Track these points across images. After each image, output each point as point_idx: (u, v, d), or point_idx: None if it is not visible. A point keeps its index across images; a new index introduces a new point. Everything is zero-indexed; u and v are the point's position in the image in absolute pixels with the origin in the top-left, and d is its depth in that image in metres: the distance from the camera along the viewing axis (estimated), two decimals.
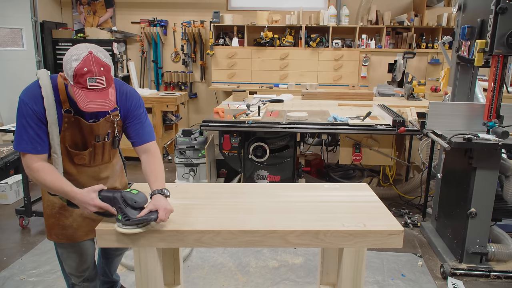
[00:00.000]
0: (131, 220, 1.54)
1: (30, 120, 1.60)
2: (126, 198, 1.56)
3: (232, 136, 3.62)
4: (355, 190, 2.01)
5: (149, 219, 1.55)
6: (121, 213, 1.55)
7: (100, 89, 1.50)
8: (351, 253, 1.60)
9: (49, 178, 1.61)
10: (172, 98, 5.39)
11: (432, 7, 6.09)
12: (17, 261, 3.04)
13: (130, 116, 1.80)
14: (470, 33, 2.85)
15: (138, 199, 1.57)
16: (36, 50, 6.06)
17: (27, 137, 1.61)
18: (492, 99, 2.71)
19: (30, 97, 1.61)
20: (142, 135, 1.82)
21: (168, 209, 1.58)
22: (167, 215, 1.57)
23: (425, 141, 4.07)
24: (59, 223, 1.85)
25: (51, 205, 1.85)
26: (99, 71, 1.49)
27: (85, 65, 1.47)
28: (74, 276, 1.97)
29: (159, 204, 1.57)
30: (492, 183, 2.77)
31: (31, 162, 1.62)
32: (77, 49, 1.51)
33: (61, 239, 1.87)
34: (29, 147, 1.61)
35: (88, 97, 1.49)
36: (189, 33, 6.41)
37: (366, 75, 6.00)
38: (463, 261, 2.90)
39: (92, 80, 1.48)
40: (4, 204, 4.11)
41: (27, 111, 1.60)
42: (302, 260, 3.08)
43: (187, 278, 2.82)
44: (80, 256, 1.94)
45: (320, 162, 4.77)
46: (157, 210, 1.56)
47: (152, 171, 1.75)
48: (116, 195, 1.57)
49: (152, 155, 1.81)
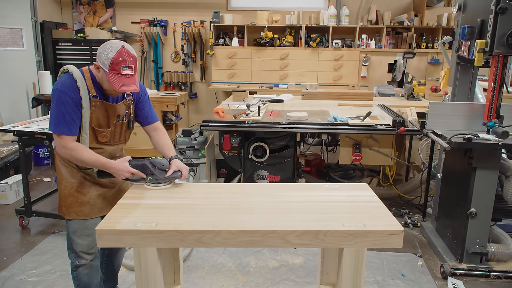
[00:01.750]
0: (161, 179, 1.93)
1: (69, 107, 1.90)
2: (155, 162, 1.95)
3: (232, 136, 3.62)
4: (355, 190, 2.01)
5: (176, 176, 1.96)
6: (152, 175, 1.93)
7: (130, 75, 1.89)
8: (351, 253, 1.60)
9: (85, 153, 1.94)
10: (172, 98, 5.39)
11: (432, 7, 6.09)
12: (17, 261, 3.04)
13: (141, 102, 2.18)
14: (470, 33, 2.85)
15: (165, 163, 1.97)
16: (36, 50, 6.06)
17: (65, 121, 1.91)
18: (492, 99, 2.71)
19: (68, 88, 1.91)
20: (151, 116, 2.23)
21: (187, 168, 2.03)
22: (187, 172, 2.03)
23: (425, 141, 4.07)
24: (78, 201, 2.08)
25: (69, 185, 2.08)
26: (130, 61, 1.88)
27: (120, 55, 1.85)
28: (85, 254, 2.13)
29: (180, 165, 2.00)
30: (492, 183, 2.77)
31: (68, 142, 1.92)
32: (112, 43, 1.88)
33: (80, 216, 2.09)
34: (65, 129, 1.92)
35: (122, 81, 1.87)
36: (189, 33, 6.41)
37: (366, 75, 6.00)
38: (463, 261, 2.90)
39: (125, 67, 1.86)
40: (4, 204, 4.11)
41: (66, 99, 1.90)
42: (302, 260, 3.08)
43: (187, 278, 2.82)
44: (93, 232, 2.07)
45: (320, 162, 4.77)
46: (179, 170, 1.98)
47: (164, 144, 2.18)
48: (145, 162, 1.95)
49: (160, 131, 2.24)
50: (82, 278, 2.15)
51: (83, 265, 2.13)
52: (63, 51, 6.32)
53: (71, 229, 2.11)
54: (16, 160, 4.55)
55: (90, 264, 2.15)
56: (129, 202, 1.83)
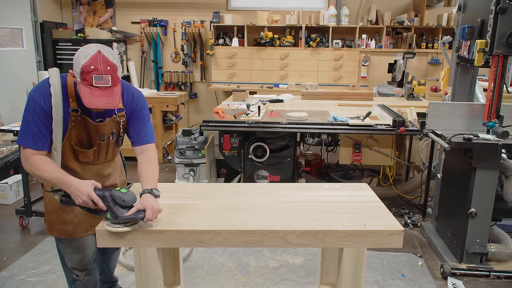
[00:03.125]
0: (119, 218, 1.56)
1: (36, 117, 1.65)
2: (115, 196, 1.58)
3: (232, 136, 3.62)
4: (355, 190, 2.01)
5: (136, 218, 1.56)
6: (110, 212, 1.57)
7: (105, 88, 1.54)
8: (351, 253, 1.60)
9: (46, 168, 1.65)
10: (172, 98, 5.39)
11: (432, 7, 6.09)
12: (17, 261, 3.04)
13: (134, 117, 1.85)
14: (470, 33, 2.85)
15: (127, 198, 1.58)
16: (36, 50, 6.06)
17: (30, 132, 1.65)
18: (492, 99, 2.71)
19: (39, 94, 1.66)
20: (143, 136, 1.87)
21: (156, 208, 1.59)
22: (154, 214, 1.58)
23: (425, 141, 4.07)
24: (60, 219, 1.89)
25: (53, 201, 1.87)
26: (105, 70, 1.54)
27: (92, 63, 1.52)
28: (77, 271, 2.01)
29: (147, 204, 1.58)
30: (492, 183, 2.77)
31: (30, 155, 1.66)
32: (87, 48, 1.57)
33: (62, 235, 1.91)
34: (30, 143, 1.66)
35: (93, 94, 1.53)
36: (189, 33, 6.41)
37: (366, 75, 6.00)
38: (463, 261, 2.90)
39: (97, 78, 1.52)
40: (4, 204, 4.11)
41: (35, 107, 1.65)
42: (302, 260, 3.08)
43: (187, 278, 2.82)
44: (83, 251, 1.98)
45: (320, 162, 4.77)
46: (144, 209, 1.56)
47: (146, 172, 1.78)
48: (105, 194, 1.59)
49: (148, 156, 1.85)
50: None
51: (80, 280, 2.03)
52: (63, 51, 6.32)
53: (59, 245, 1.98)
54: (16, 160, 4.54)
55: (85, 280, 2.03)
56: None
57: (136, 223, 1.59)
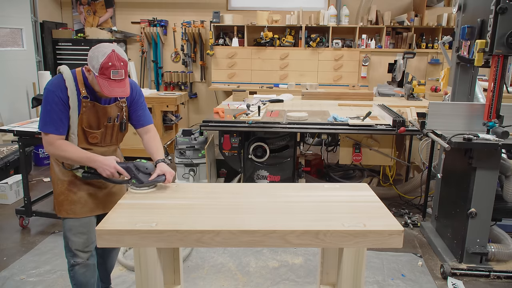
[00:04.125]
0: (145, 182, 1.90)
1: (56, 106, 1.92)
2: (139, 166, 1.92)
3: (232, 136, 3.62)
4: (355, 190, 2.01)
5: (159, 180, 1.92)
6: (135, 178, 1.90)
7: (120, 80, 1.87)
8: (351, 253, 1.60)
9: (70, 149, 1.95)
10: (172, 98, 5.39)
11: (432, 7, 6.09)
12: (17, 261, 3.04)
13: (134, 104, 2.16)
14: (470, 33, 2.85)
15: (148, 166, 1.94)
16: (36, 50, 6.06)
17: (51, 120, 1.92)
18: (492, 99, 2.71)
19: (56, 87, 1.93)
20: (143, 119, 2.20)
21: (172, 172, 1.97)
22: (172, 176, 1.96)
23: (425, 141, 4.07)
24: (68, 199, 2.10)
25: (61, 183, 2.10)
26: (120, 65, 1.86)
27: (110, 60, 1.84)
28: (81, 252, 2.13)
29: (165, 169, 1.96)
30: (492, 183, 2.77)
31: (53, 140, 1.94)
32: (103, 47, 1.87)
33: (70, 214, 2.11)
34: (52, 129, 1.93)
35: (111, 85, 1.86)
36: (189, 33, 6.41)
37: (366, 75, 6.00)
38: (463, 261, 2.90)
39: (115, 72, 1.85)
40: (4, 204, 4.11)
41: (54, 98, 1.91)
42: (302, 260, 3.08)
43: (187, 278, 2.82)
44: (87, 231, 2.14)
45: (320, 162, 4.77)
46: (163, 174, 1.94)
47: (154, 146, 2.15)
48: (129, 165, 1.93)
49: (152, 133, 2.21)
50: (79, 277, 2.15)
51: (79, 263, 2.13)
52: (63, 51, 6.31)
53: (67, 226, 2.12)
54: (16, 160, 4.55)
55: (86, 263, 2.15)
56: (129, 202, 1.82)
57: (156, 185, 1.94)
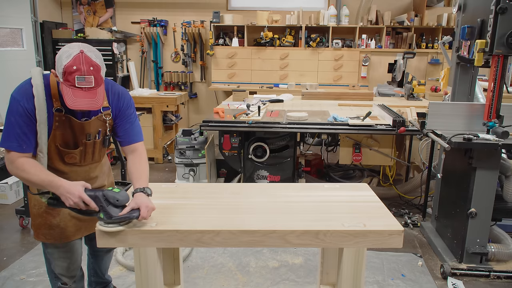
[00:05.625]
0: (113, 218, 1.54)
1: (19, 118, 1.60)
2: (108, 196, 1.56)
3: (232, 136, 3.62)
4: (355, 190, 2.01)
5: (131, 217, 1.55)
6: (103, 212, 1.55)
7: (88, 88, 1.51)
8: (351, 253, 1.60)
9: (33, 170, 1.61)
10: (172, 98, 5.39)
11: (432, 7, 6.09)
12: (17, 261, 3.04)
13: (121, 116, 1.82)
14: (470, 33, 2.85)
15: (120, 197, 1.57)
16: (36, 50, 6.05)
17: (14, 134, 1.61)
18: (492, 99, 2.71)
19: (22, 95, 1.62)
20: (131, 134, 1.85)
21: (149, 206, 1.58)
22: (148, 212, 1.57)
23: (425, 141, 4.07)
24: (46, 223, 1.85)
25: (38, 205, 1.84)
26: (88, 70, 1.50)
27: (74, 63, 1.48)
28: (65, 277, 1.96)
29: (141, 202, 1.57)
30: (492, 183, 2.77)
31: (15, 158, 1.62)
32: (69, 48, 1.53)
33: (48, 239, 1.87)
34: (14, 145, 1.61)
35: (75, 95, 1.50)
36: (189, 33, 6.41)
37: (366, 75, 6.00)
38: (463, 261, 2.90)
39: (80, 78, 1.49)
40: (4, 204, 4.11)
41: (18, 108, 1.60)
42: (302, 260, 3.08)
43: (187, 278, 2.82)
44: (71, 255, 1.94)
45: (320, 162, 4.76)
46: (139, 208, 1.56)
47: (137, 170, 1.76)
48: (98, 194, 1.57)
49: (138, 155, 1.84)
50: None
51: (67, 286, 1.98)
52: None
53: (47, 249, 1.92)
54: None
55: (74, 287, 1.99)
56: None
57: (130, 221, 1.58)
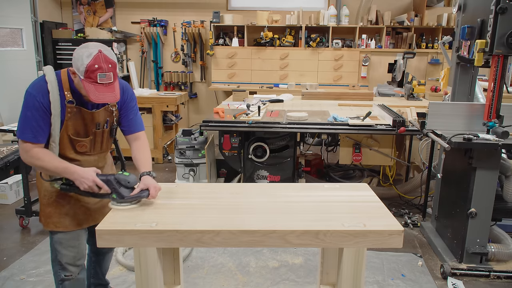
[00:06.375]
0: (125, 198, 1.73)
1: (35, 112, 1.76)
2: (120, 179, 1.75)
3: (232, 136, 3.62)
4: (355, 190, 2.01)
5: (141, 196, 1.74)
6: (116, 193, 1.74)
7: (108, 84, 1.71)
8: (351, 253, 1.60)
9: (47, 158, 1.78)
10: (172, 98, 5.39)
11: (432, 7, 6.09)
12: (17, 261, 3.04)
13: (125, 108, 2.01)
14: (470, 33, 2.85)
15: (131, 180, 1.76)
16: (36, 50, 6.06)
17: (30, 127, 1.77)
18: (492, 99, 2.71)
19: (37, 91, 1.77)
20: (134, 124, 2.04)
21: (157, 187, 1.78)
22: (156, 192, 1.77)
23: (425, 141, 4.07)
24: (57, 211, 1.96)
25: (48, 195, 1.96)
26: (108, 68, 1.69)
27: (96, 62, 1.67)
28: (72, 266, 2.01)
29: (149, 183, 1.77)
30: (492, 183, 2.77)
31: (30, 148, 1.78)
32: (87, 48, 1.70)
33: (59, 227, 1.97)
34: (30, 136, 1.77)
35: (98, 90, 1.69)
36: (189, 33, 6.41)
37: (366, 75, 6.00)
38: (463, 261, 2.90)
39: (102, 75, 1.68)
40: (4, 204, 4.11)
41: (34, 103, 1.76)
42: (302, 260, 3.08)
43: (187, 278, 2.82)
44: (78, 244, 2.02)
45: (320, 162, 4.76)
46: (147, 188, 1.75)
47: (142, 156, 1.97)
48: (109, 178, 1.76)
49: (142, 143, 2.04)
50: None
51: (70, 279, 2.01)
52: (63, 51, 6.31)
53: (56, 239, 1.98)
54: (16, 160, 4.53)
55: (76, 278, 2.03)
56: None
57: (139, 201, 1.77)
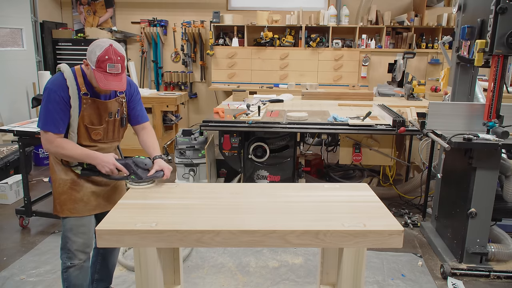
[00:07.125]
0: (144, 178, 1.98)
1: (57, 105, 1.94)
2: (138, 162, 2.01)
3: (232, 136, 3.62)
4: (355, 190, 2.01)
5: (158, 176, 2.01)
6: (134, 174, 1.99)
7: (116, 74, 1.91)
8: (351, 253, 1.60)
9: (70, 146, 1.99)
10: (172, 98, 5.39)
11: (432, 7, 6.09)
12: (17, 261, 3.04)
13: (132, 100, 2.21)
14: (470, 33, 2.85)
15: (147, 162, 2.03)
16: (36, 50, 6.06)
17: (52, 119, 1.95)
18: (492, 99, 2.71)
19: (57, 86, 1.95)
20: (140, 115, 2.26)
21: (170, 168, 2.06)
22: (169, 172, 2.05)
23: (425, 141, 4.07)
24: (71, 198, 2.11)
25: (63, 183, 2.11)
26: (117, 59, 1.90)
27: (106, 53, 1.88)
28: (81, 253, 2.13)
29: (163, 165, 2.05)
30: (492, 183, 2.77)
31: (53, 139, 1.97)
32: (100, 42, 1.91)
33: (73, 213, 2.12)
34: (52, 127, 1.96)
35: (107, 79, 1.90)
36: (189, 33, 6.41)
37: (366, 75, 6.00)
38: (463, 261, 2.90)
39: (111, 66, 1.89)
40: (4, 204, 4.11)
41: (55, 97, 1.94)
42: (302, 260, 3.08)
43: (187, 278, 2.82)
44: (88, 231, 2.16)
45: (320, 162, 4.76)
46: (162, 169, 2.03)
47: (151, 143, 2.23)
48: (128, 161, 2.01)
49: (148, 131, 2.28)
50: (72, 280, 2.15)
51: (75, 266, 2.13)
52: (63, 51, 6.31)
53: (68, 226, 2.12)
54: (16, 160, 4.55)
55: (81, 265, 2.15)
56: (129, 202, 1.83)
57: (154, 181, 2.02)
